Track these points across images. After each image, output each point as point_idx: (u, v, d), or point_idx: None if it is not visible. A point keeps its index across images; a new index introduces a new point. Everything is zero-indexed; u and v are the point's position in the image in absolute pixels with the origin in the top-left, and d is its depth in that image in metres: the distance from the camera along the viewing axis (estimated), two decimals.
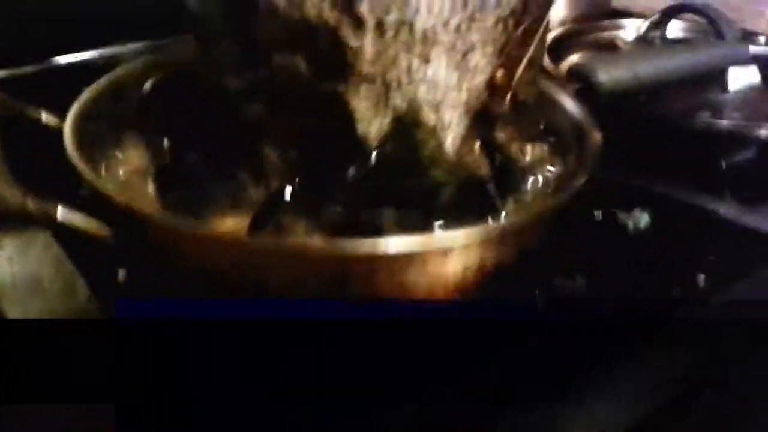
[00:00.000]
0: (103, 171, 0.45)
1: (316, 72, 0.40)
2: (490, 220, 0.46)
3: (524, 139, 0.51)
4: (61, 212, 0.38)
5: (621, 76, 0.54)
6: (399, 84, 0.41)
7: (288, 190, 0.42)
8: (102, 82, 0.49)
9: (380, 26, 0.39)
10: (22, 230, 0.47)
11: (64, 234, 0.40)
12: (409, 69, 0.41)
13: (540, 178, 0.50)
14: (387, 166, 0.43)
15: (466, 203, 0.46)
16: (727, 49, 0.59)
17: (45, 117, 0.47)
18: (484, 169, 0.47)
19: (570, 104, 0.52)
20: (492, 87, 0.47)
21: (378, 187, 0.43)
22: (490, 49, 0.45)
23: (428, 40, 0.41)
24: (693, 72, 0.58)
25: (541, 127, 0.52)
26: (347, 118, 0.41)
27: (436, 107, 0.43)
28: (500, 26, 0.45)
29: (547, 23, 0.49)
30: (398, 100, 0.42)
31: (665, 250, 0.53)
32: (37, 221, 0.39)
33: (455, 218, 0.44)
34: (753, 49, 0.59)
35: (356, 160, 0.42)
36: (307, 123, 0.42)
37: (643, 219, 0.57)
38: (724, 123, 0.59)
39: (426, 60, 0.41)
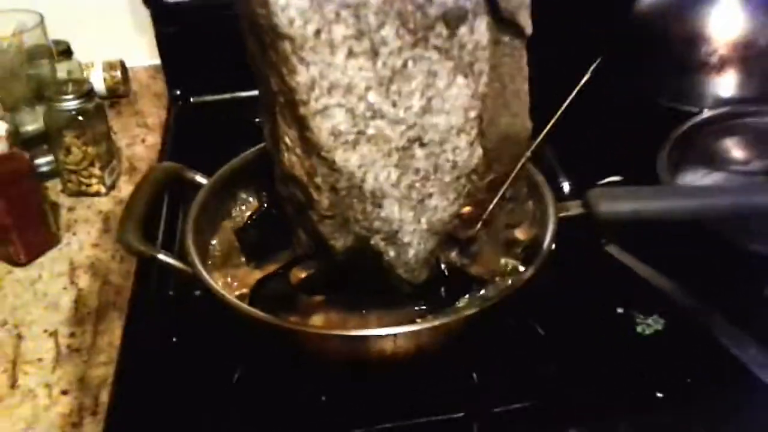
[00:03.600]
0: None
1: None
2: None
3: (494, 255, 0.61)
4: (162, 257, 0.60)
5: (619, 210, 0.59)
6: (356, 220, 0.54)
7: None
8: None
9: (333, 189, 0.52)
10: None
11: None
12: (363, 211, 0.54)
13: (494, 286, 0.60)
14: (357, 269, 0.57)
15: (420, 299, 0.58)
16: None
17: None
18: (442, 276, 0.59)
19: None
20: (461, 218, 0.57)
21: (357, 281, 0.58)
22: (452, 196, 0.55)
23: (378, 194, 0.53)
24: (713, 215, 0.60)
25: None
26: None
27: (393, 234, 0.56)
28: (462, 180, 0.55)
29: (523, 167, 0.56)
30: (357, 228, 0.55)
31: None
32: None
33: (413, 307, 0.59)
34: None
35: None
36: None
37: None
38: None
39: (378, 205, 0.53)
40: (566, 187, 0.76)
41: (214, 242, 0.65)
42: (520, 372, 0.59)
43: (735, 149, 0.82)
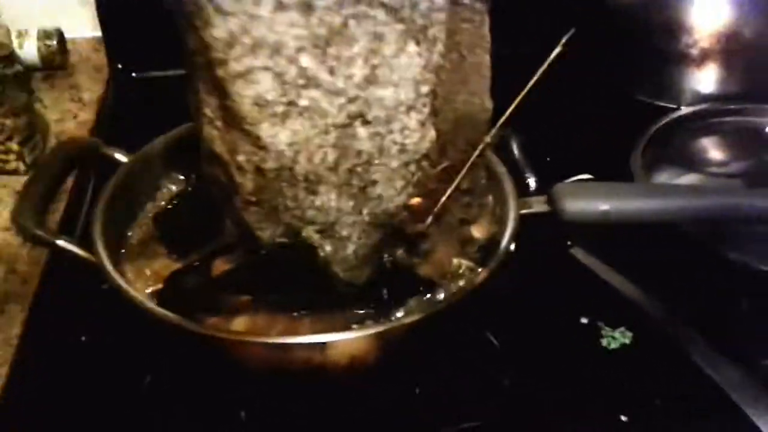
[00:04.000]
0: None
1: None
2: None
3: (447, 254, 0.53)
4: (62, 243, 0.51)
5: (587, 209, 0.52)
6: (286, 208, 0.47)
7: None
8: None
9: (259, 171, 0.45)
10: None
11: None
12: (295, 198, 0.46)
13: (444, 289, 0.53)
14: (288, 264, 0.50)
15: (361, 302, 0.51)
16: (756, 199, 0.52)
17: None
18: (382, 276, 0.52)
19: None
20: (410, 210, 0.50)
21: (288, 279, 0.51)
22: (399, 183, 0.48)
23: (312, 179, 0.45)
24: (691, 219, 0.54)
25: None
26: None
27: (330, 226, 0.48)
28: (412, 167, 0.47)
29: (481, 155, 0.49)
30: (287, 218, 0.48)
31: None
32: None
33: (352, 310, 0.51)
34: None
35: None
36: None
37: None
38: None
39: (313, 192, 0.46)
40: (532, 182, 0.69)
41: (132, 230, 0.57)
42: (469, 387, 0.52)
43: (713, 149, 0.77)
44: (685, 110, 0.79)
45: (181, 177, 0.59)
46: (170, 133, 0.60)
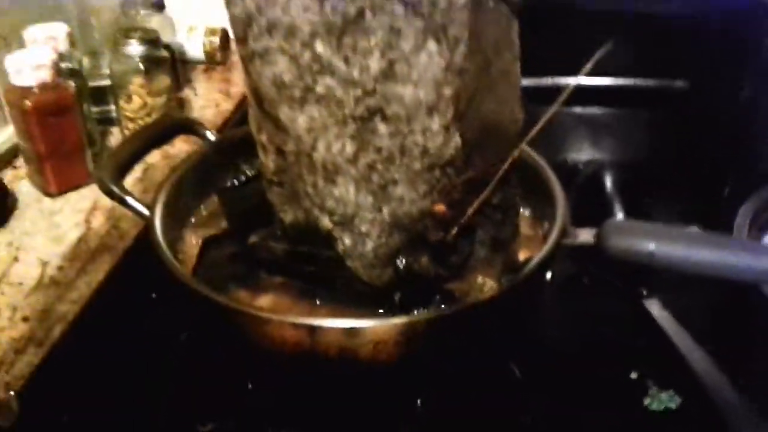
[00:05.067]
0: None
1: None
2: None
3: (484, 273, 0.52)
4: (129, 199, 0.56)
5: (632, 248, 0.48)
6: (306, 194, 0.48)
7: None
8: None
9: (280, 152, 0.47)
10: None
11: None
12: (314, 185, 0.48)
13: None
14: (313, 255, 0.51)
15: (376, 302, 0.51)
16: None
17: None
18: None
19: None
20: (434, 218, 0.49)
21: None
22: (422, 188, 0.47)
23: (330, 168, 0.47)
24: (748, 279, 0.47)
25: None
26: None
27: (349, 219, 0.49)
28: (436, 172, 0.47)
29: (508, 172, 0.47)
30: (307, 204, 0.49)
31: None
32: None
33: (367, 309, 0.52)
34: None
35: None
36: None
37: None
38: None
39: (332, 181, 0.47)
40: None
41: (206, 202, 0.61)
42: (473, 411, 0.49)
43: None
44: None
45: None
46: None
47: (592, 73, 0.46)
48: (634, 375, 0.53)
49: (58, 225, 0.72)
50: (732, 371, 0.51)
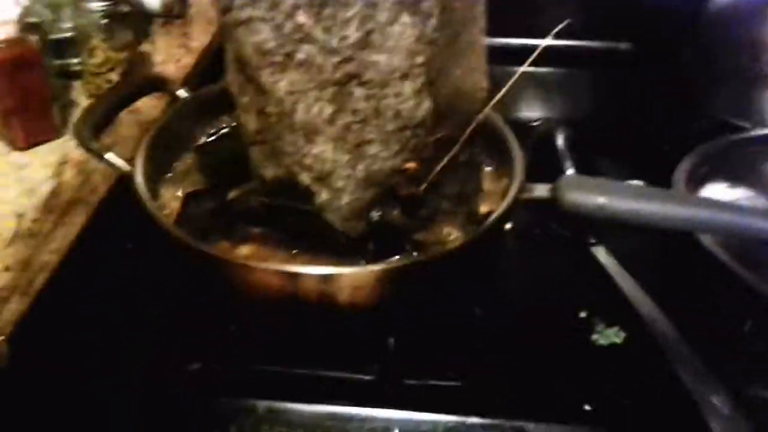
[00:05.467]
0: None
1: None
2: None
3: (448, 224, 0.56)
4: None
5: (584, 201, 0.54)
6: (286, 152, 0.51)
7: None
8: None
9: (261, 113, 0.50)
10: None
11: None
12: (294, 144, 0.51)
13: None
14: (284, 203, 0.55)
15: (351, 251, 0.55)
16: (750, 219, 0.51)
17: None
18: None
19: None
20: (405, 174, 0.53)
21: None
22: (394, 147, 0.51)
23: (309, 128, 0.50)
24: (687, 228, 0.53)
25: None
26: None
27: (326, 175, 0.53)
28: (407, 133, 0.51)
29: (473, 134, 0.51)
30: (287, 161, 0.53)
31: None
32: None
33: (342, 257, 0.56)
34: None
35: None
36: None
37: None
38: None
39: (310, 141, 0.50)
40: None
41: (181, 159, 0.64)
42: (441, 348, 0.54)
43: None
44: (755, 132, 0.76)
45: (231, 119, 0.65)
46: None
47: (543, 36, 0.50)
48: (582, 314, 0.59)
49: (29, 178, 0.73)
50: (671, 309, 0.57)
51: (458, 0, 0.46)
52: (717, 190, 0.70)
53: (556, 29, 0.46)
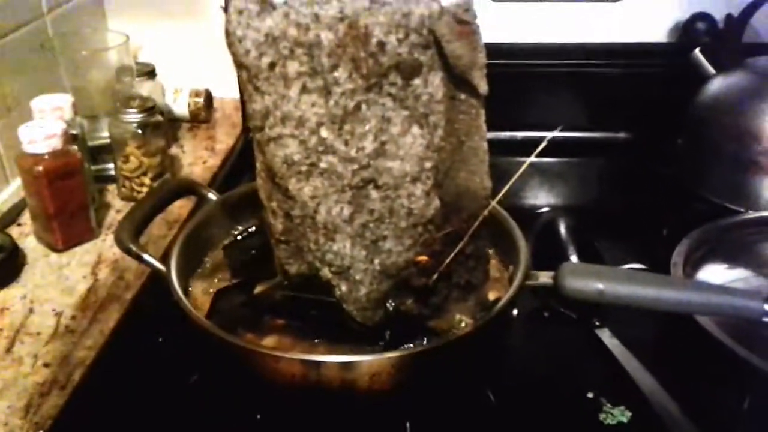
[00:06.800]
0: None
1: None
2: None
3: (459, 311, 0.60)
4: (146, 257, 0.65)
5: (584, 288, 0.58)
6: (309, 249, 0.57)
7: None
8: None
9: (287, 216, 0.55)
10: None
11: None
12: (316, 242, 0.56)
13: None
14: (307, 295, 0.59)
15: (368, 340, 0.59)
16: (739, 300, 0.55)
17: None
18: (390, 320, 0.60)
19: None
20: (418, 266, 0.58)
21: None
22: (407, 242, 0.56)
23: (330, 228, 0.55)
24: (683, 311, 0.57)
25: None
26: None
27: (345, 269, 0.58)
28: (419, 229, 0.56)
29: (478, 228, 0.56)
30: (310, 258, 0.58)
31: None
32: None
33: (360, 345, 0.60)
34: None
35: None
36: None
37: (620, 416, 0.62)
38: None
39: (331, 239, 0.56)
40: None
41: (209, 256, 0.69)
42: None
43: None
44: (749, 215, 0.81)
45: (255, 218, 0.71)
46: (253, 182, 0.72)
47: (547, 128, 0.56)
48: (590, 394, 0.62)
49: (66, 278, 0.79)
50: (673, 388, 0.61)
51: (462, 113, 0.52)
52: (714, 272, 0.74)
53: (560, 127, 0.52)
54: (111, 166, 0.93)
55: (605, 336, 0.68)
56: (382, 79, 0.48)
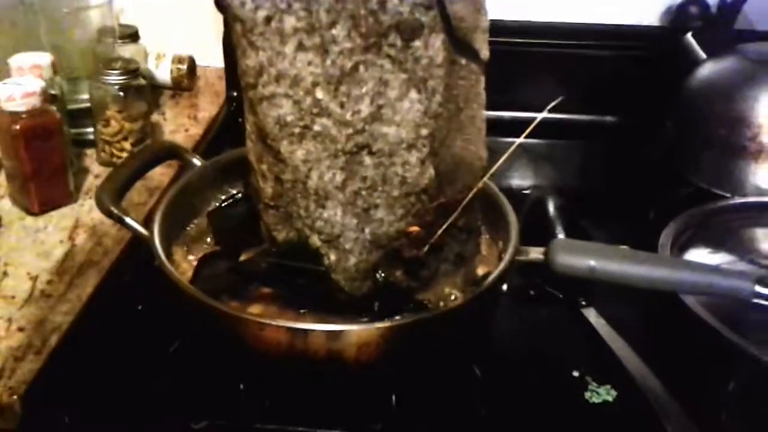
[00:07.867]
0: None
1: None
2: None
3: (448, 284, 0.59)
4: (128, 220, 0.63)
5: (575, 264, 0.57)
6: (299, 215, 0.55)
7: None
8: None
9: (278, 180, 0.54)
10: None
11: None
12: (306, 208, 0.55)
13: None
14: (299, 269, 0.58)
15: (356, 310, 0.58)
16: (729, 280, 0.55)
17: None
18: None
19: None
20: (409, 237, 0.57)
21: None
22: (399, 212, 0.55)
23: (321, 194, 0.54)
24: (674, 290, 0.57)
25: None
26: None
27: (335, 237, 0.56)
28: (411, 198, 0.55)
29: (475, 198, 0.55)
30: (299, 224, 0.56)
31: None
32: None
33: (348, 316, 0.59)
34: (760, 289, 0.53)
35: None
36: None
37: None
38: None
39: (322, 205, 0.54)
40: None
41: (193, 223, 0.67)
42: (441, 406, 0.57)
43: (758, 240, 0.78)
44: (736, 200, 0.81)
45: (241, 185, 0.69)
46: (240, 148, 0.70)
47: (535, 109, 0.55)
48: (575, 373, 0.62)
49: (42, 242, 0.76)
50: (659, 368, 0.60)
51: (461, 78, 0.50)
52: (700, 255, 0.73)
53: (551, 105, 0.51)
54: (90, 130, 0.90)
55: (591, 315, 0.68)
56: (382, 40, 0.47)
